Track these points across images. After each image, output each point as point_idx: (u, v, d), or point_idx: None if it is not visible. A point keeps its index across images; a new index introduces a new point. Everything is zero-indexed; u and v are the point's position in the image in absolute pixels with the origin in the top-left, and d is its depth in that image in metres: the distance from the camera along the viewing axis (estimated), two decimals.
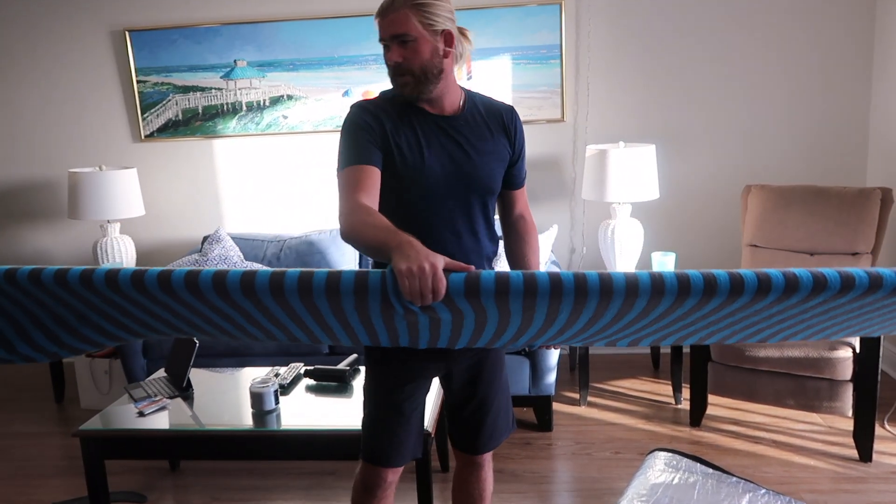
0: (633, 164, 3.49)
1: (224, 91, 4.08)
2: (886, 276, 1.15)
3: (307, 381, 2.80)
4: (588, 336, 1.47)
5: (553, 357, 3.19)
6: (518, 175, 1.91)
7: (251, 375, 2.89)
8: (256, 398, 2.51)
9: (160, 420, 2.53)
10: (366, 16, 3.90)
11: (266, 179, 4.19)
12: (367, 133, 1.68)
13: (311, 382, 2.79)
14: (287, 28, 3.97)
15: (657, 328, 1.40)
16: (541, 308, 1.24)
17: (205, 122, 4.12)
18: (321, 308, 1.28)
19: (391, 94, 1.76)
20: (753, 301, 1.19)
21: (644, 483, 2.23)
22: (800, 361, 2.93)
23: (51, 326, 1.46)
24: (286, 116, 4.08)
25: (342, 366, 2.81)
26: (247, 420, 2.51)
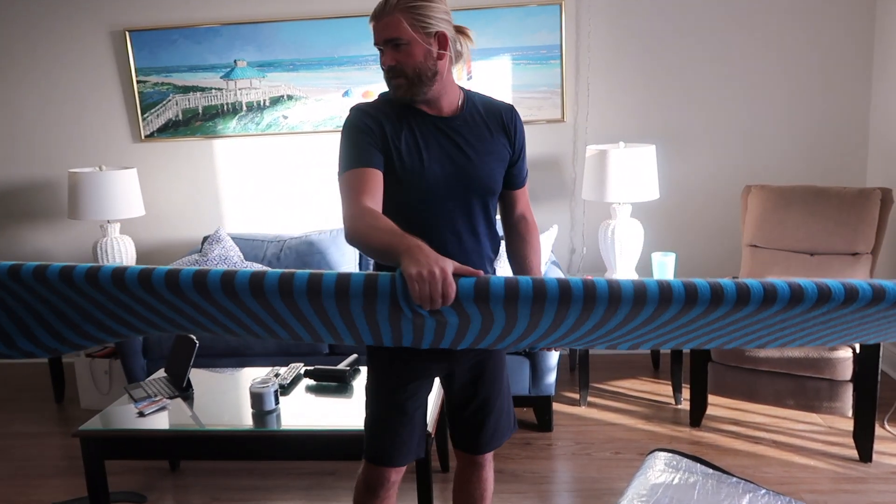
0: (634, 165, 3.49)
1: (224, 91, 4.08)
2: (889, 290, 1.17)
3: (307, 382, 2.80)
4: (591, 339, 1.48)
5: (553, 357, 3.19)
6: (519, 175, 1.90)
7: (251, 375, 2.89)
8: (256, 398, 2.51)
9: (160, 420, 2.54)
10: (366, 16, 3.87)
11: (266, 179, 4.19)
12: (368, 135, 1.68)
13: (312, 382, 2.79)
14: (287, 28, 3.97)
15: (660, 333, 1.40)
16: (548, 314, 1.24)
17: (205, 123, 4.12)
18: (328, 310, 1.28)
19: (390, 96, 1.75)
20: (758, 311, 1.20)
21: (644, 483, 2.23)
22: (800, 362, 2.94)
23: (53, 322, 1.45)
24: (286, 116, 4.08)
25: (342, 366, 2.81)
26: (247, 420, 2.51)
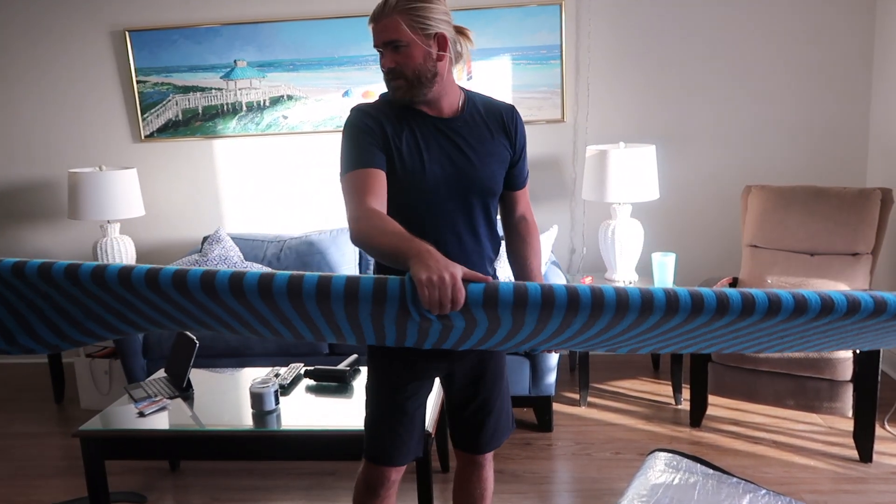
0: (634, 165, 3.49)
1: (224, 91, 4.08)
2: (890, 302, 1.20)
3: (307, 382, 2.80)
4: (593, 343, 1.49)
5: (553, 358, 3.19)
6: (519, 176, 1.90)
7: (251, 376, 2.89)
8: (256, 398, 2.51)
9: (160, 420, 2.54)
10: (366, 16, 3.86)
11: (266, 180, 4.19)
12: (369, 136, 1.68)
13: (312, 383, 2.79)
14: (287, 28, 3.97)
15: (663, 339, 1.41)
16: (555, 320, 1.25)
17: (205, 123, 4.12)
18: (336, 312, 1.28)
19: (390, 97, 1.75)
20: (761, 320, 1.22)
21: (644, 483, 2.23)
22: (800, 362, 2.93)
23: (54, 319, 1.44)
24: (286, 117, 4.08)
25: (342, 366, 2.81)
26: (247, 420, 2.51)
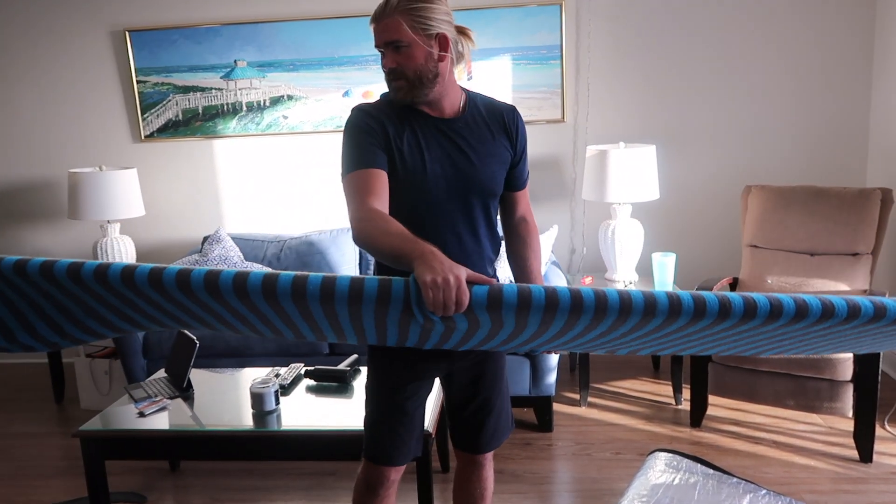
0: (634, 165, 3.49)
1: (224, 91, 4.08)
2: (890, 308, 1.21)
3: (307, 382, 2.80)
4: (594, 345, 1.49)
5: (553, 358, 3.19)
6: (520, 177, 1.89)
7: (251, 376, 2.89)
8: (257, 398, 2.51)
9: (160, 420, 2.53)
10: (366, 16, 3.86)
11: (266, 180, 4.19)
12: (371, 136, 1.67)
13: (312, 383, 2.79)
14: (287, 28, 3.97)
15: (663, 341, 1.42)
16: (558, 322, 1.25)
17: (205, 123, 4.12)
18: (339, 312, 1.28)
19: (391, 97, 1.75)
20: (763, 324, 1.23)
21: (644, 483, 2.23)
22: (800, 362, 2.93)
23: (55, 317, 1.44)
24: (286, 117, 4.07)
25: (342, 366, 2.81)
26: (247, 420, 2.51)
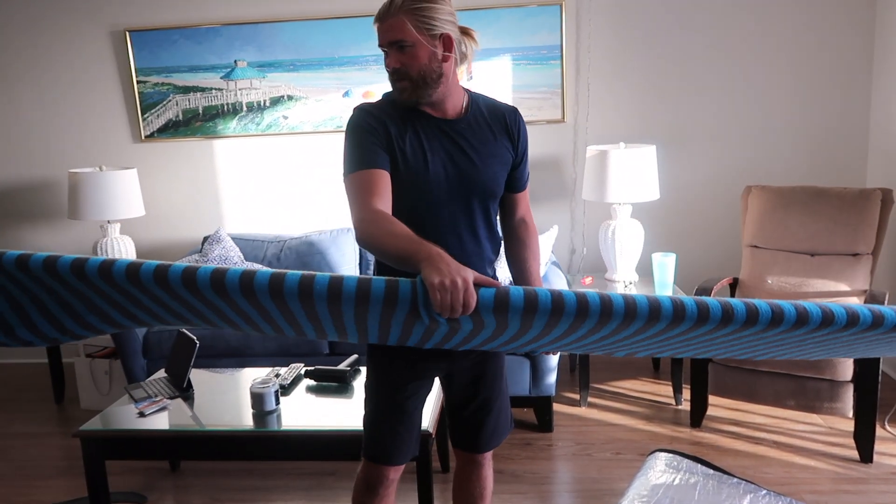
0: (634, 165, 3.49)
1: (224, 91, 4.08)
2: (888, 317, 1.24)
3: (308, 382, 2.80)
4: (593, 346, 1.50)
5: (553, 358, 3.19)
6: (520, 178, 1.89)
7: (251, 376, 2.89)
8: (257, 398, 2.51)
9: (160, 420, 2.53)
10: (366, 16, 3.90)
11: (266, 180, 4.19)
12: (373, 136, 1.67)
13: (312, 383, 2.79)
14: (287, 28, 3.97)
15: (662, 344, 1.43)
16: (562, 325, 1.26)
17: (205, 123, 4.12)
18: (345, 312, 1.28)
19: (393, 97, 1.74)
20: (764, 330, 1.24)
21: (645, 484, 2.23)
22: (800, 362, 2.93)
23: (56, 313, 1.43)
24: (286, 117, 4.07)
25: (343, 366, 2.81)
26: (247, 420, 2.51)
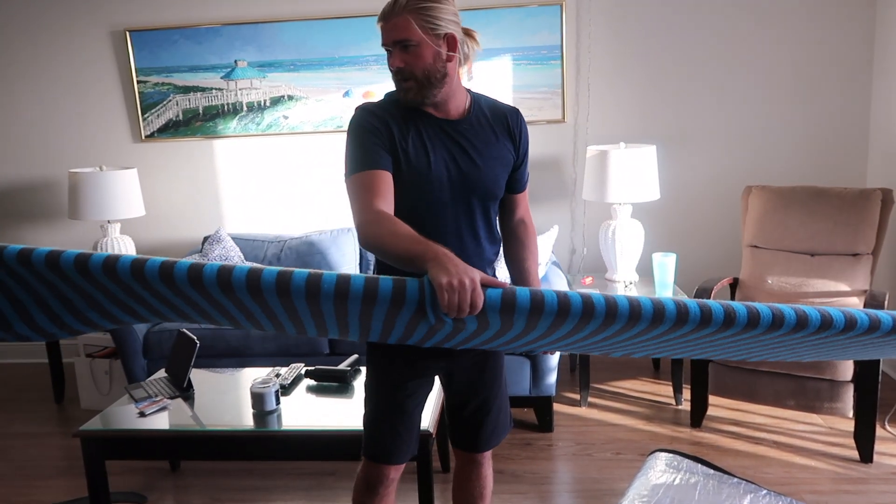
0: (634, 165, 3.49)
1: (225, 91, 4.08)
2: (884, 321, 1.26)
3: (308, 382, 2.80)
4: (594, 347, 1.50)
5: (554, 358, 3.19)
6: (521, 179, 1.90)
7: (252, 376, 2.89)
8: (257, 398, 2.51)
9: (161, 420, 2.53)
10: (366, 16, 3.90)
11: (267, 180, 4.19)
12: (376, 136, 1.66)
13: (312, 383, 2.79)
14: (288, 28, 3.97)
15: (661, 345, 1.43)
16: (566, 326, 1.26)
17: (205, 123, 4.12)
18: (350, 311, 1.27)
19: (396, 97, 1.73)
20: (764, 333, 1.26)
21: (645, 484, 2.23)
22: (800, 362, 2.93)
23: (56, 309, 1.42)
24: (287, 117, 4.07)
25: (343, 366, 2.81)
26: (247, 420, 2.51)
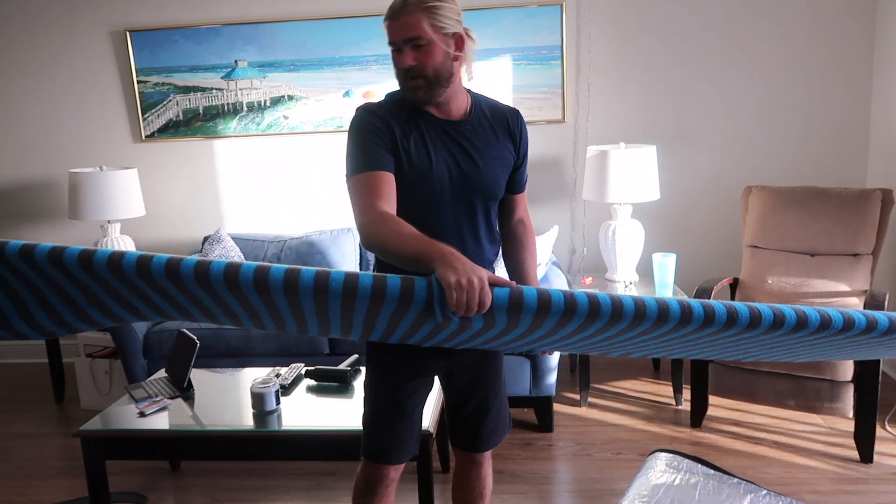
0: (634, 165, 3.49)
1: (225, 91, 4.08)
2: (881, 322, 1.28)
3: (308, 382, 2.80)
4: (594, 347, 1.50)
5: (553, 358, 3.19)
6: (520, 180, 1.90)
7: (252, 376, 2.89)
8: (257, 398, 2.51)
9: (161, 420, 2.54)
10: (367, 16, 3.90)
11: (267, 180, 4.19)
12: (377, 136, 1.66)
13: (312, 383, 2.79)
14: (288, 28, 3.97)
15: (661, 345, 1.43)
16: (571, 325, 1.26)
17: (205, 123, 4.12)
18: (357, 309, 1.27)
19: (398, 97, 1.73)
20: (765, 333, 1.26)
21: (645, 484, 2.23)
22: (800, 362, 2.93)
23: (56, 306, 1.40)
24: (287, 117, 4.07)
25: (343, 366, 2.81)
26: (247, 420, 2.51)
